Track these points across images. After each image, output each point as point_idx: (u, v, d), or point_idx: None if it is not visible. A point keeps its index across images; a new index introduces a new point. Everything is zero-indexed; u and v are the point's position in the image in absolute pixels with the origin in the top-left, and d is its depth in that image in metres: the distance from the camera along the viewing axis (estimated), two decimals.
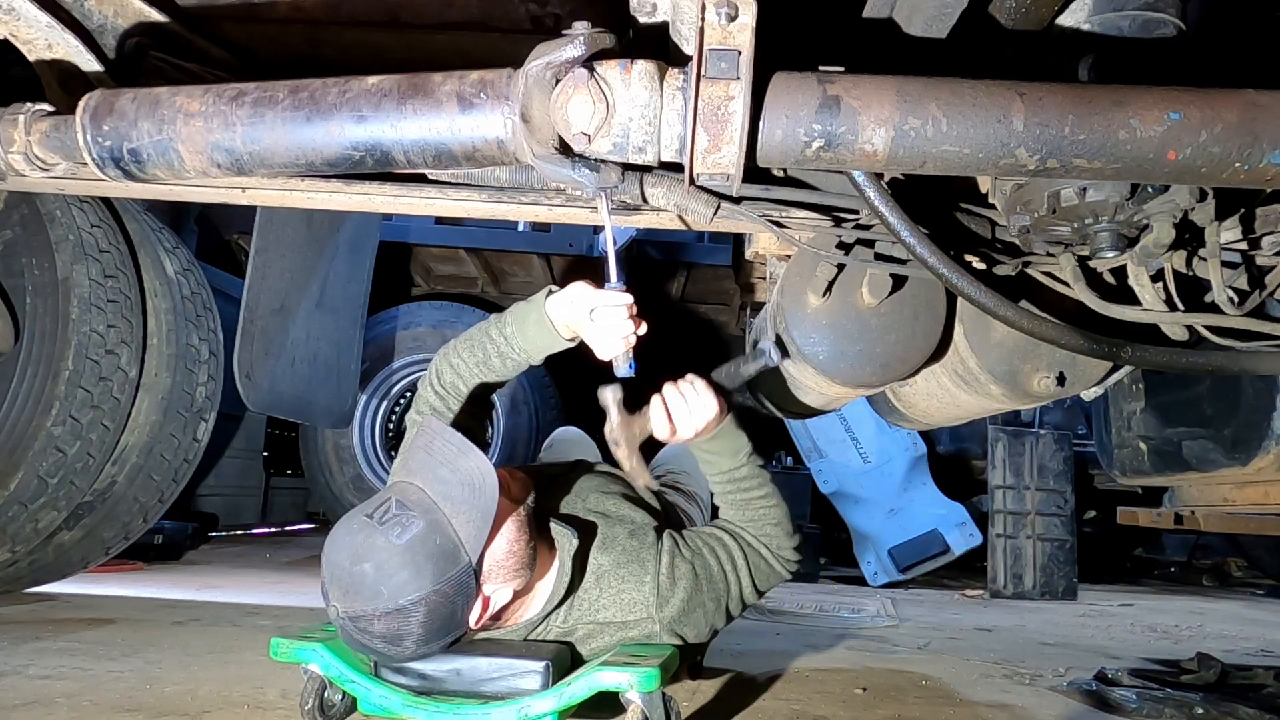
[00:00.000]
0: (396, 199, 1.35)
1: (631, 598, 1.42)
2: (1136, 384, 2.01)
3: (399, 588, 1.16)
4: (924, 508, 4.40)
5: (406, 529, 1.17)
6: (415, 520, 1.18)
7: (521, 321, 1.40)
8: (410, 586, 1.16)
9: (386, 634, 1.19)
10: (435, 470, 1.23)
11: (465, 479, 1.22)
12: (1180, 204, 1.09)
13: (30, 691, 1.52)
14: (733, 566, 1.47)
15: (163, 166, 1.08)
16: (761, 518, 1.50)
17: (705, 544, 1.49)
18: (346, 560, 1.18)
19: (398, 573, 1.16)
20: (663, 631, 1.40)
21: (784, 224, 1.29)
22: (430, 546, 1.18)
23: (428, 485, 1.23)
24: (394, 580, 1.16)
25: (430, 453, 1.26)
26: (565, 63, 0.96)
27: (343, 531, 1.22)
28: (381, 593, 1.16)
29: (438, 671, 1.29)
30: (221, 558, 4.02)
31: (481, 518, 1.21)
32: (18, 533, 2.10)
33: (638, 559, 1.45)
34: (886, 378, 1.44)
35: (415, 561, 1.16)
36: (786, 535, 1.51)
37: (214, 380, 2.59)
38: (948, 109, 0.96)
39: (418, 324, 4.44)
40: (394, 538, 1.16)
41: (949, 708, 1.74)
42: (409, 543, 1.17)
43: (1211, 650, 2.17)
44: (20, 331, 2.04)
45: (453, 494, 1.21)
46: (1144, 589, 4.81)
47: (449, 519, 1.20)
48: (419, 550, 1.17)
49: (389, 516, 1.19)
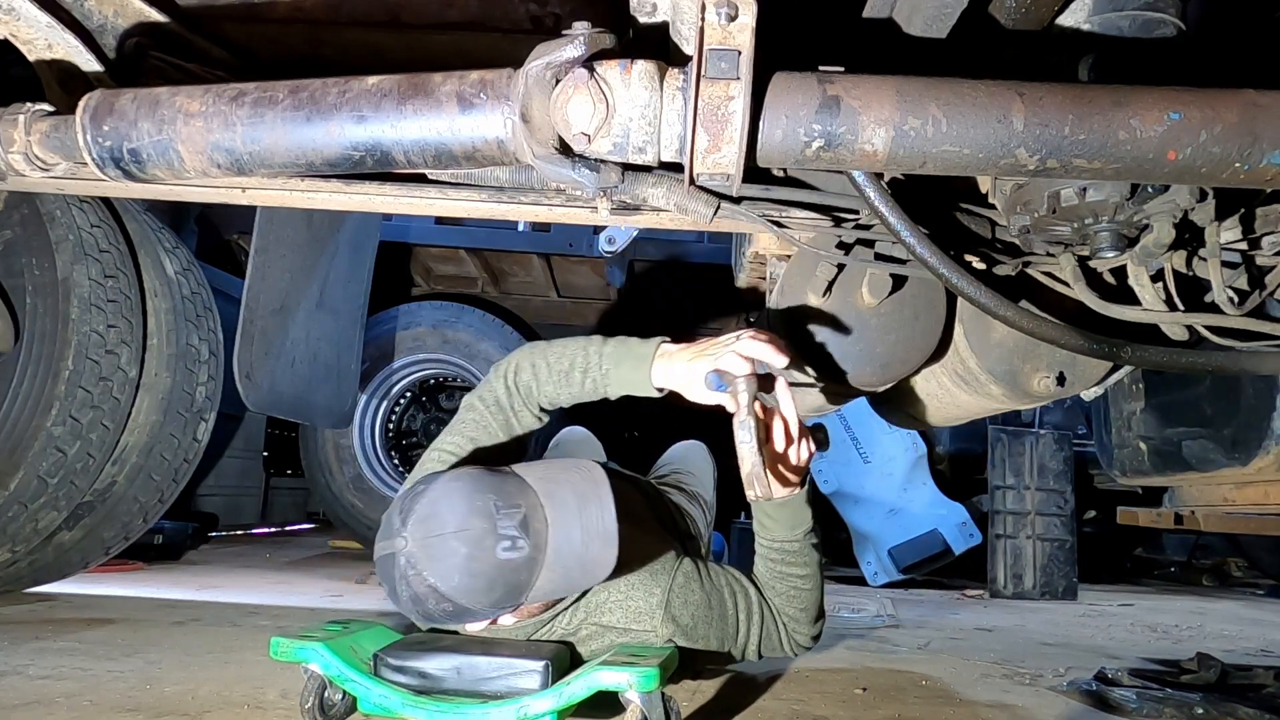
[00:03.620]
0: (396, 199, 1.35)
1: (638, 606, 1.42)
2: (1136, 384, 2.01)
3: (458, 586, 1.18)
4: (924, 508, 4.40)
5: (510, 551, 1.18)
6: (521, 551, 1.19)
7: (621, 359, 1.39)
8: (464, 592, 1.18)
9: (413, 595, 1.20)
10: (571, 526, 1.22)
11: (584, 560, 1.22)
12: (1180, 204, 1.09)
13: (30, 691, 1.52)
14: (747, 617, 1.46)
15: (163, 166, 1.08)
16: (792, 597, 1.48)
17: (728, 583, 1.48)
18: (452, 525, 1.18)
19: (471, 579, 1.18)
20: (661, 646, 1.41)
21: (784, 224, 1.29)
22: (510, 577, 1.19)
23: (554, 532, 1.21)
24: (462, 580, 1.18)
25: (583, 505, 1.23)
26: (565, 63, 0.96)
27: (465, 496, 1.20)
28: (448, 577, 1.18)
29: (438, 670, 1.30)
30: (221, 558, 4.02)
31: (564, 590, 1.28)
32: (18, 533, 2.10)
33: (651, 570, 1.46)
34: (886, 378, 1.44)
35: (490, 581, 1.19)
36: (809, 622, 1.49)
37: (214, 380, 2.59)
38: (948, 109, 0.96)
39: (418, 324, 4.43)
40: (499, 549, 1.18)
41: (949, 708, 1.73)
42: (500, 564, 1.18)
43: (1211, 650, 2.17)
44: (20, 331, 2.04)
45: (564, 559, 1.21)
46: (1144, 589, 4.81)
47: (542, 570, 1.21)
48: (502, 574, 1.19)
49: (509, 528, 1.18)
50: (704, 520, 2.13)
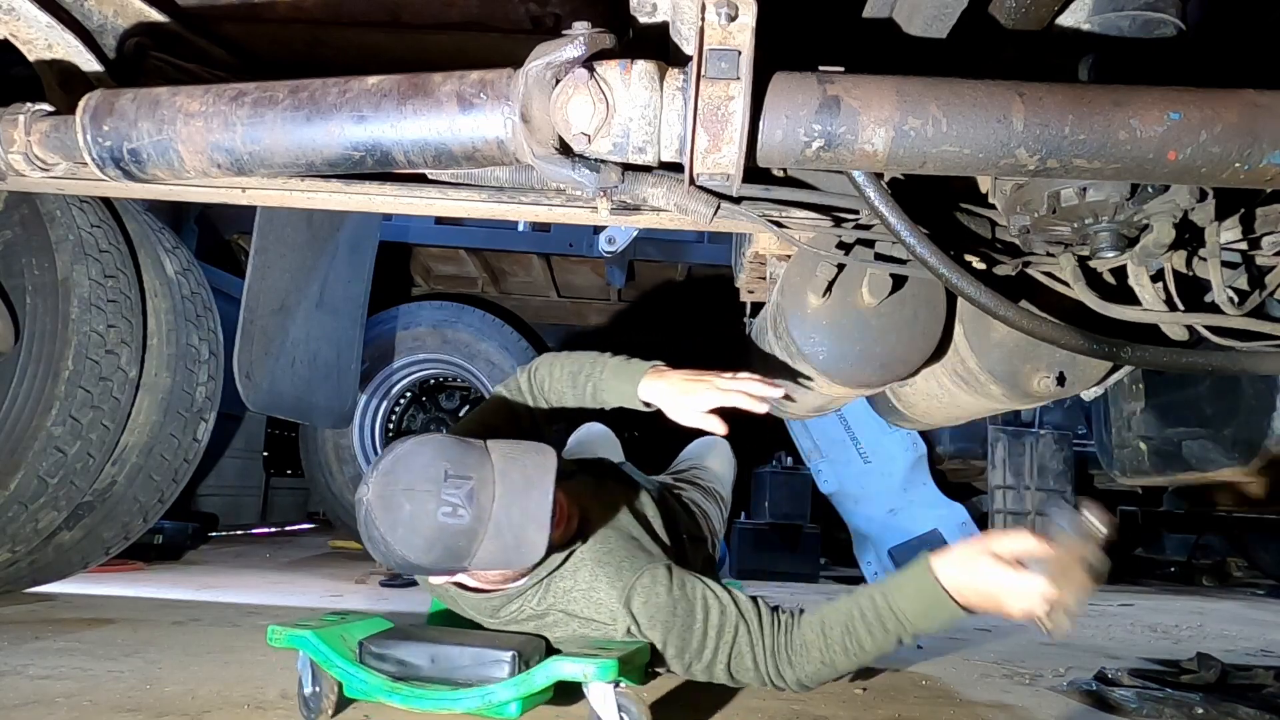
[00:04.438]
0: (396, 199, 1.35)
1: (599, 599, 1.45)
2: (1136, 384, 2.01)
3: (400, 539, 1.27)
4: (924, 508, 4.41)
5: (450, 517, 1.26)
6: (461, 519, 1.26)
7: (619, 371, 1.54)
8: (405, 546, 1.28)
9: (370, 539, 1.31)
10: (513, 506, 1.29)
11: (519, 540, 1.29)
12: (1180, 204, 1.09)
13: (30, 691, 1.52)
14: (716, 634, 1.40)
15: (163, 166, 1.08)
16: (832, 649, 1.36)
17: (704, 597, 1.42)
18: (403, 484, 1.28)
19: (412, 536, 1.27)
20: None
21: (784, 224, 1.29)
22: (448, 540, 1.27)
23: (497, 508, 1.28)
24: (404, 534, 1.27)
25: (528, 488, 1.30)
26: (565, 63, 0.96)
27: (423, 459, 1.30)
28: (393, 529, 1.27)
29: (415, 659, 1.38)
30: (221, 558, 4.02)
31: (504, 564, 1.33)
32: (18, 533, 2.10)
33: (618, 565, 1.47)
34: (886, 378, 1.44)
35: (429, 541, 1.27)
36: (816, 676, 1.39)
37: (214, 380, 2.59)
38: (948, 109, 0.96)
39: (418, 324, 4.43)
40: (440, 513, 1.26)
41: (949, 708, 1.73)
42: (439, 526, 1.26)
43: (1211, 650, 2.17)
44: (20, 331, 2.04)
45: (503, 535, 1.28)
46: (1144, 589, 4.81)
47: (482, 541, 1.28)
48: (440, 536, 1.27)
49: (453, 496, 1.27)
50: (720, 517, 2.14)
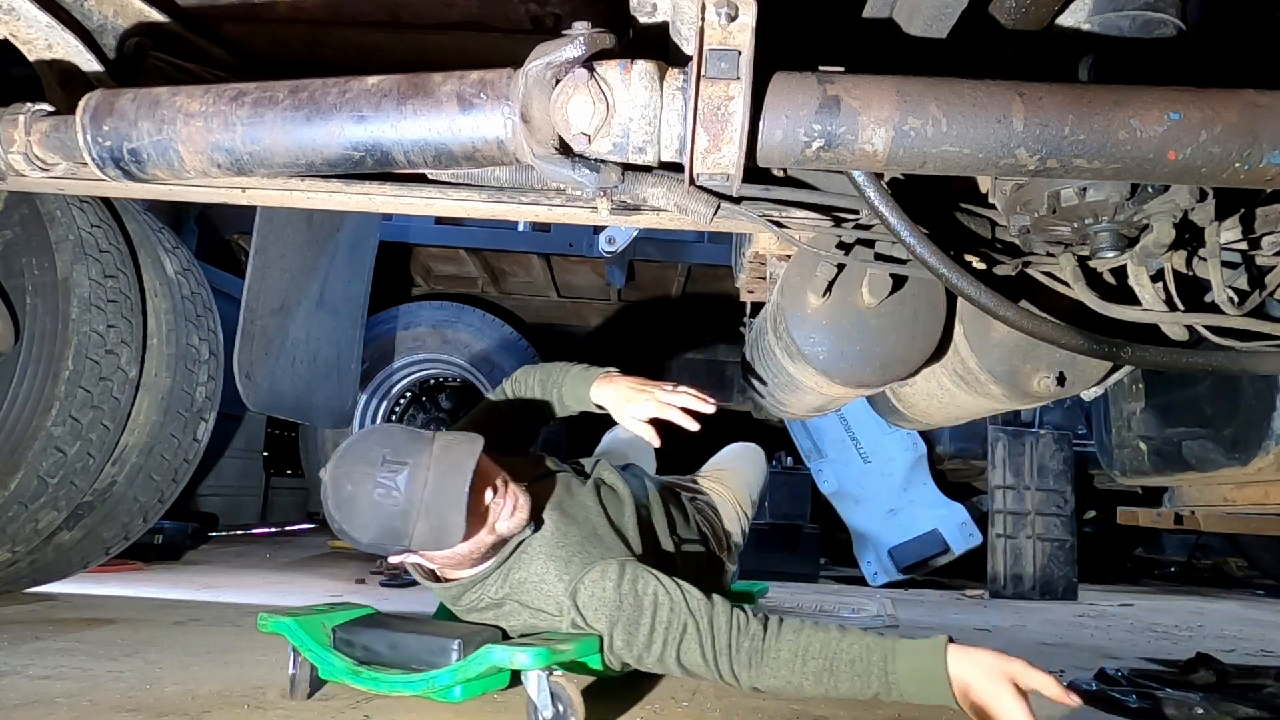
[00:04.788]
0: (396, 199, 1.35)
1: (548, 590, 1.50)
2: (1136, 384, 2.01)
3: (344, 517, 1.42)
4: (924, 508, 4.41)
5: (384, 499, 1.39)
6: (394, 500, 1.38)
7: (578, 378, 1.78)
8: (348, 523, 1.42)
9: (327, 517, 1.45)
10: (439, 490, 1.39)
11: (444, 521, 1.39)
12: (1180, 204, 1.09)
13: (30, 691, 1.52)
14: (664, 631, 1.40)
15: (163, 166, 1.08)
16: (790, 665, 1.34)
17: (654, 594, 1.42)
18: (346, 466, 1.43)
19: (352, 514, 1.41)
20: None
21: (784, 224, 1.29)
22: (383, 520, 1.39)
23: (427, 492, 1.39)
24: (345, 512, 1.41)
25: (453, 472, 1.39)
26: (565, 63, 0.96)
27: (367, 445, 1.44)
28: (339, 507, 1.42)
29: (377, 646, 1.52)
30: (221, 558, 4.02)
31: (435, 543, 1.43)
32: (18, 533, 2.10)
33: (568, 558, 1.51)
34: (886, 378, 1.44)
35: (366, 519, 1.40)
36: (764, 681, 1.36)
37: (214, 380, 2.59)
38: (948, 109, 0.96)
39: (418, 324, 4.43)
40: (375, 494, 1.38)
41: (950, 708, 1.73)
42: (373, 505, 1.39)
43: (1211, 650, 2.16)
44: (20, 331, 2.04)
45: (432, 516, 1.39)
46: (1144, 589, 4.81)
47: (417, 521, 1.39)
48: (375, 516, 1.39)
49: (387, 478, 1.39)
50: (736, 520, 2.13)
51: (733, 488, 2.19)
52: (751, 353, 1.85)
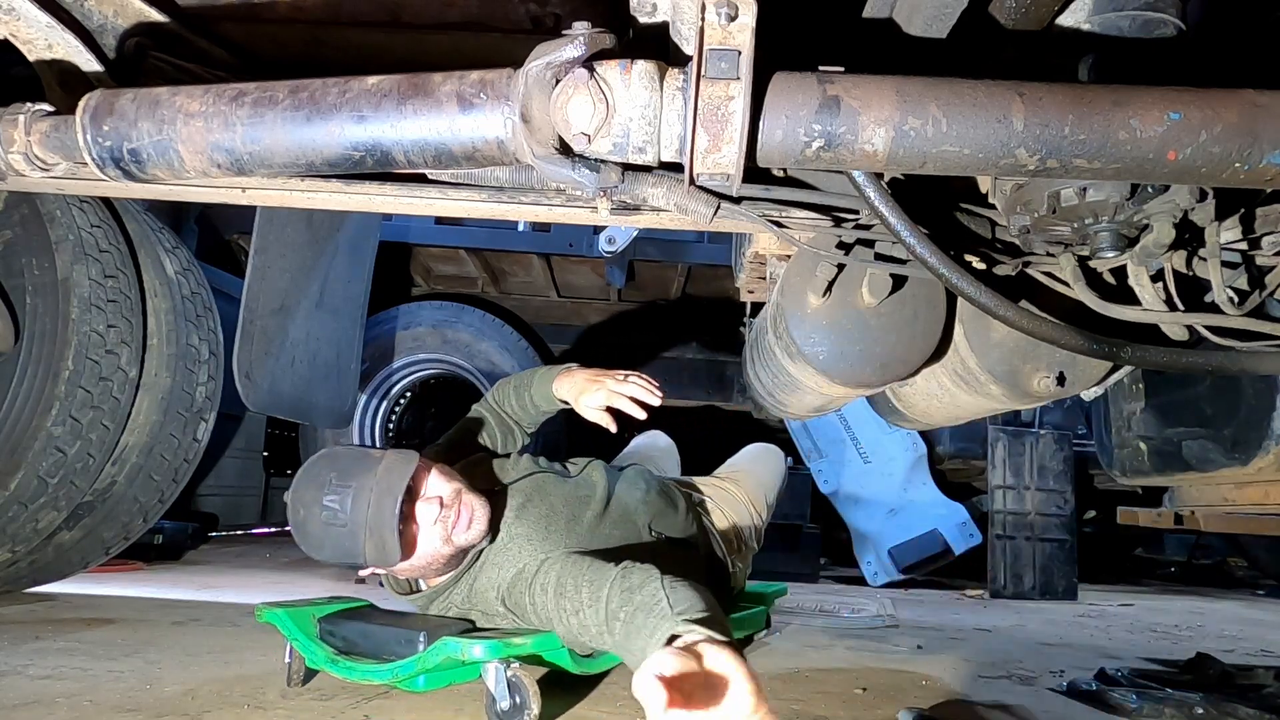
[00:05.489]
0: (396, 199, 1.35)
1: (490, 597, 1.58)
2: (1136, 384, 2.01)
3: (301, 537, 1.48)
4: (924, 508, 4.41)
5: (330, 521, 1.44)
6: (339, 522, 1.44)
7: (543, 378, 1.90)
8: (303, 542, 1.48)
9: None
10: (376, 511, 1.43)
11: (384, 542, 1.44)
12: (1180, 204, 1.09)
13: (30, 691, 1.52)
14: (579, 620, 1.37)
15: (163, 166, 1.08)
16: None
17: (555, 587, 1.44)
18: (298, 489, 1.49)
19: (305, 534, 1.47)
20: None
21: (784, 224, 1.29)
22: (334, 541, 1.45)
23: (370, 513, 1.43)
24: (299, 532, 1.48)
25: (386, 494, 1.44)
26: (565, 63, 0.96)
27: (317, 468, 1.50)
28: (295, 528, 1.49)
29: (354, 637, 1.60)
30: (221, 558, 4.02)
31: (381, 561, 1.47)
32: (18, 533, 2.10)
33: (503, 564, 1.58)
34: (886, 378, 1.44)
35: (319, 539, 1.47)
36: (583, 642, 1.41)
37: (214, 380, 2.59)
38: (948, 109, 0.96)
39: (418, 324, 4.43)
40: (322, 516, 1.44)
41: (950, 707, 1.73)
42: (323, 527, 1.45)
43: (1211, 650, 2.17)
44: (20, 331, 2.04)
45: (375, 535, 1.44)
46: (1144, 589, 4.81)
47: (366, 540, 1.43)
48: (326, 536, 1.46)
49: (332, 501, 1.44)
50: (750, 521, 2.15)
51: (747, 488, 2.20)
52: (751, 353, 1.85)
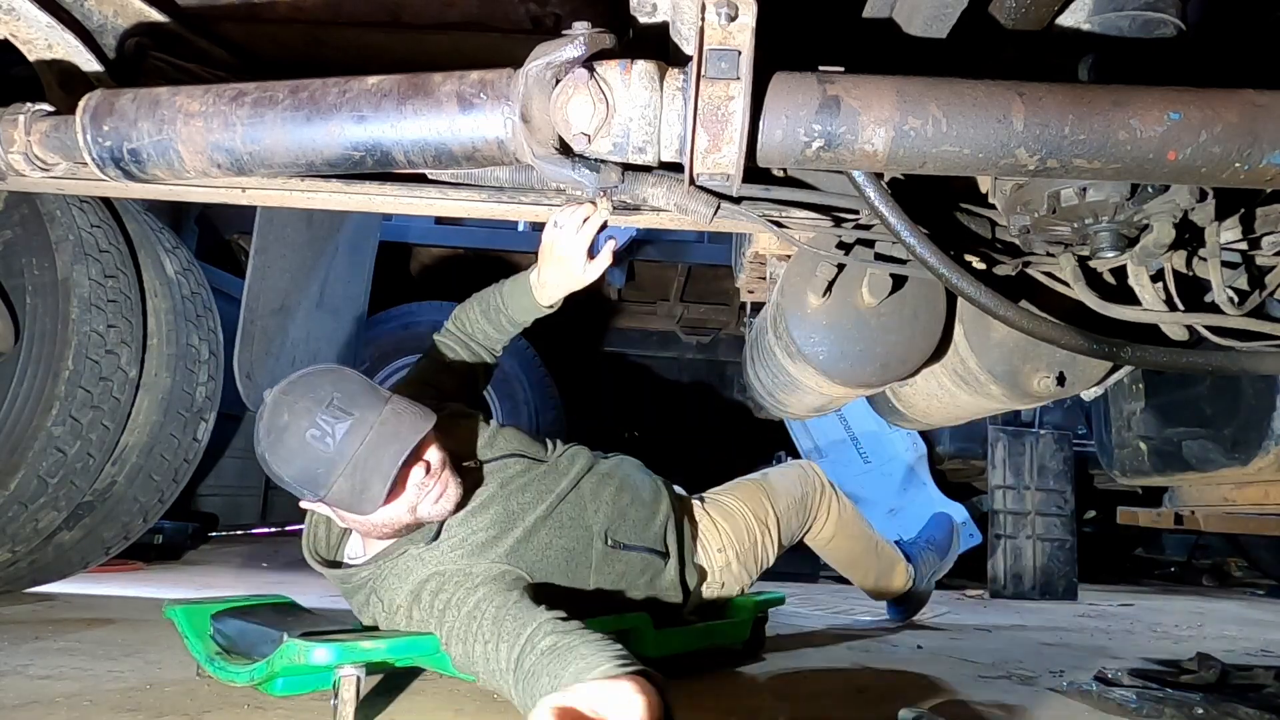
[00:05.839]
0: (396, 199, 1.35)
1: (393, 598, 1.49)
2: (1136, 384, 2.01)
3: (270, 443, 1.35)
4: (924, 508, 4.40)
5: (316, 440, 1.33)
6: (325, 445, 1.32)
7: (514, 287, 1.75)
8: (269, 450, 1.35)
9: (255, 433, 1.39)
10: (370, 453, 1.34)
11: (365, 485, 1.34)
12: (1180, 204, 1.09)
13: (30, 691, 1.52)
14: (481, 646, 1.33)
15: (163, 166, 1.08)
16: None
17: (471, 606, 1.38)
18: (293, 396, 1.36)
19: (278, 443, 1.34)
20: None
21: (784, 224, 1.29)
22: (307, 462, 1.34)
23: (362, 450, 1.33)
24: (273, 439, 1.35)
25: (391, 440, 1.34)
26: (565, 63, 0.96)
27: (318, 383, 1.38)
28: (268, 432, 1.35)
29: (233, 635, 1.58)
30: (221, 558, 4.02)
31: (349, 504, 1.37)
32: (18, 533, 2.09)
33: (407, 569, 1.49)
34: (886, 378, 1.44)
35: (290, 454, 1.34)
36: None
37: (214, 380, 2.59)
38: (948, 109, 0.96)
39: (418, 324, 4.43)
40: (309, 433, 1.33)
41: (949, 707, 1.73)
42: (303, 443, 1.33)
43: (1211, 650, 2.17)
44: (20, 331, 2.04)
45: (354, 476, 1.34)
46: (1144, 589, 4.81)
47: (339, 475, 1.33)
48: (302, 453, 1.33)
49: (326, 422, 1.33)
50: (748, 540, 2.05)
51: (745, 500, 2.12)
52: (751, 352, 1.85)
